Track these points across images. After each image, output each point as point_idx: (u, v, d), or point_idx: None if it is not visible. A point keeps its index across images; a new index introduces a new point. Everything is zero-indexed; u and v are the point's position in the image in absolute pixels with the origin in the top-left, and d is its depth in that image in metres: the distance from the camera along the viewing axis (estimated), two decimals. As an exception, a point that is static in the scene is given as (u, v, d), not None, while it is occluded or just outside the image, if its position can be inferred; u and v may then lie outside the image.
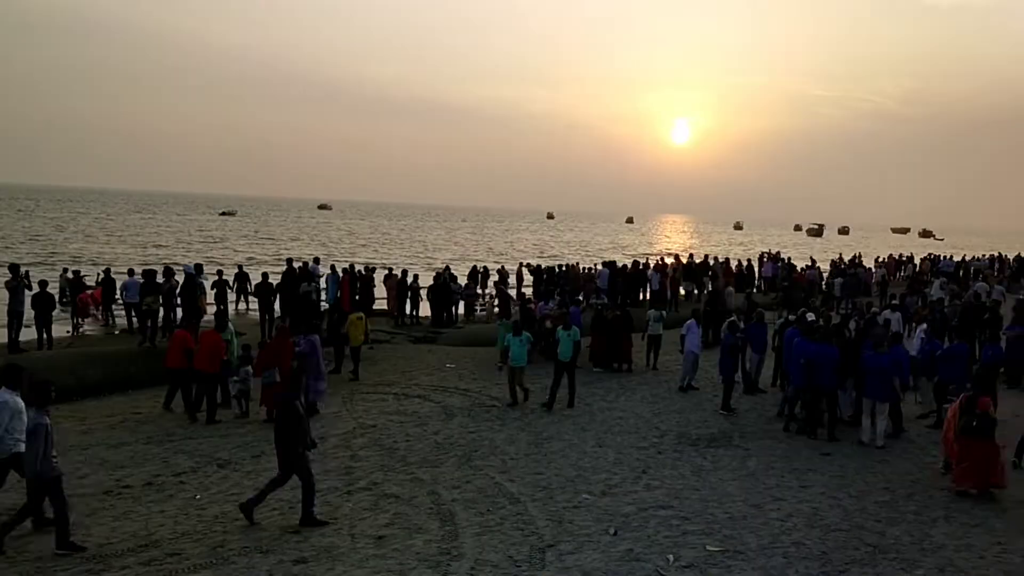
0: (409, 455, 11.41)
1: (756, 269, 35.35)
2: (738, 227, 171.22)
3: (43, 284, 17.68)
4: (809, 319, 15.54)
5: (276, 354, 13.53)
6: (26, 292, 16.96)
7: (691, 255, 34.18)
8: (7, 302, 16.82)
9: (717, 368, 14.97)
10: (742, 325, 16.94)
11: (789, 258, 38.36)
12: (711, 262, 32.46)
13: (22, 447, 8.06)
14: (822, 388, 12.57)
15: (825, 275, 34.05)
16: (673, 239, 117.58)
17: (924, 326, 16.11)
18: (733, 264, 33.47)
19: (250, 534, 8.44)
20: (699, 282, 29.45)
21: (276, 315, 19.73)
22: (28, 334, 17.34)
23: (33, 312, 17.24)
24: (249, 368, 14.24)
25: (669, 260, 32.23)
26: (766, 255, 38.90)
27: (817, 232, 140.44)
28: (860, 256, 41.89)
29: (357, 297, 22.94)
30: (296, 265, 22.62)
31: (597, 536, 8.38)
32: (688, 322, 16.60)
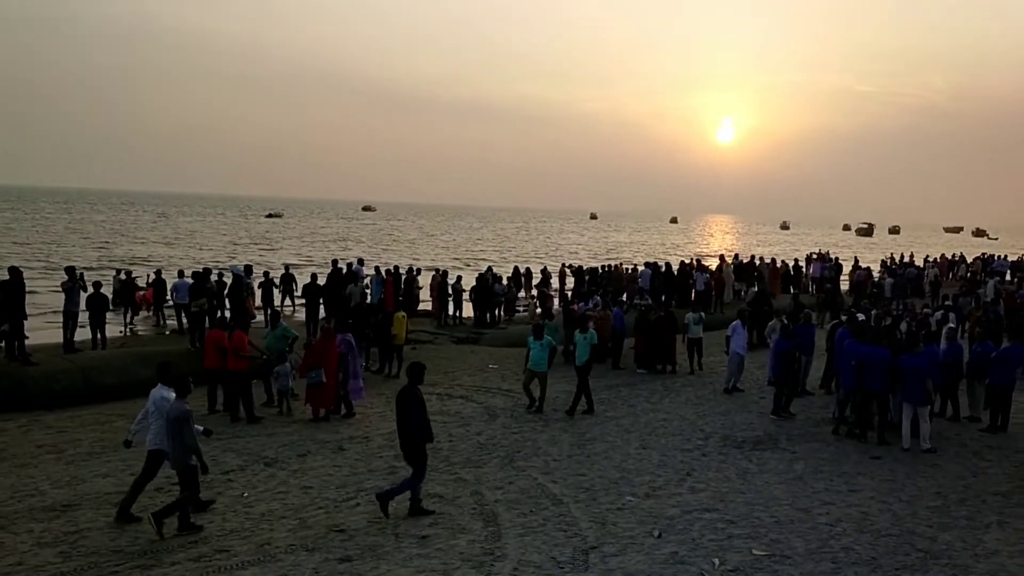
0: (452, 455, 11.46)
1: (804, 269, 34.82)
2: (784, 227, 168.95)
3: (97, 285, 18.12)
4: (860, 319, 15.27)
5: (321, 354, 13.70)
6: (81, 293, 17.39)
7: (736, 255, 33.81)
8: (63, 303, 17.26)
9: (768, 371, 14.73)
10: (788, 326, 16.70)
11: (837, 258, 37.72)
12: (756, 262, 32.07)
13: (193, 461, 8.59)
14: (873, 390, 12.33)
15: (876, 275, 33.42)
16: (718, 239, 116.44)
17: (949, 326, 15.71)
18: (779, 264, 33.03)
19: (296, 532, 8.55)
20: (750, 282, 29.06)
21: (322, 316, 20.00)
22: (83, 334, 17.78)
23: (88, 313, 17.69)
24: (287, 366, 14.42)
25: (713, 261, 31.93)
26: (814, 255, 38.30)
27: (867, 231, 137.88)
28: (912, 256, 41.04)
29: (401, 298, 23.14)
30: (341, 266, 22.90)
31: (641, 538, 8.32)
32: (733, 323, 16.41)
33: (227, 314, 18.27)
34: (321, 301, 21.21)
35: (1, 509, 9.22)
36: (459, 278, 25.86)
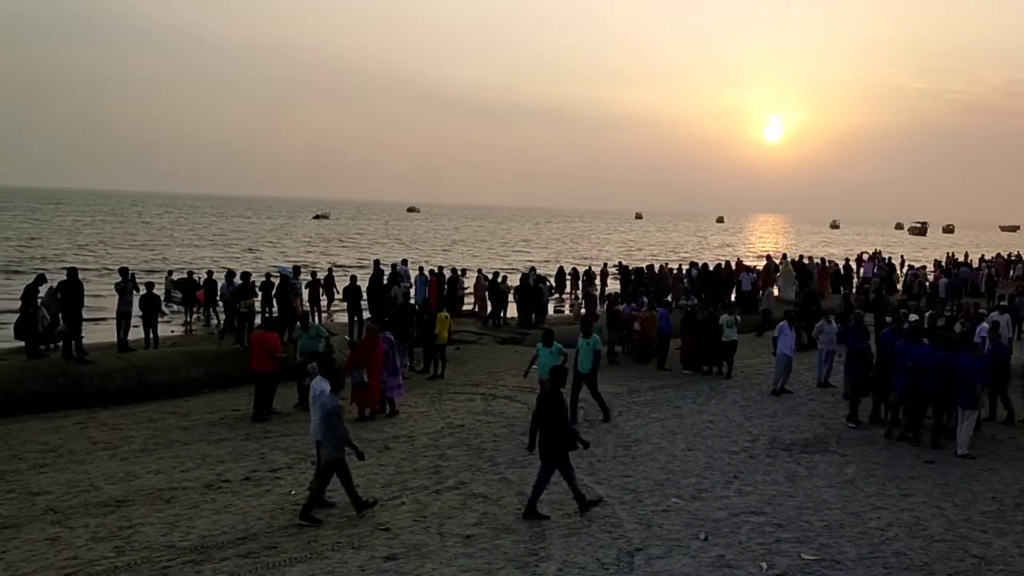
0: (497, 455, 11.47)
1: (855, 269, 34.20)
2: (835, 226, 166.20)
3: (149, 286, 18.52)
4: (913, 320, 14.93)
5: (365, 354, 13.82)
6: (134, 294, 17.80)
7: (784, 255, 33.32)
8: (116, 303, 17.69)
9: (844, 376, 14.41)
10: (837, 326, 16.45)
11: (889, 258, 36.94)
12: (805, 262, 31.57)
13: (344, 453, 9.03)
14: (927, 393, 12.04)
15: (930, 275, 32.68)
16: (766, 239, 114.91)
17: (984, 325, 15.26)
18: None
19: (342, 530, 8.64)
20: (803, 282, 28.55)
21: (365, 316, 20.16)
22: (135, 333, 18.19)
23: (140, 313, 18.10)
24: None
25: (758, 262, 31.49)
26: (865, 255, 37.59)
27: (920, 231, 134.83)
28: (966, 255, 40.05)
29: (445, 298, 23.23)
30: (383, 267, 23.08)
31: (687, 541, 8.24)
32: (780, 324, 16.17)
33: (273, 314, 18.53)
34: (364, 302, 21.40)
35: (58, 504, 9.47)
36: (504, 278, 25.90)
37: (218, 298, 22.36)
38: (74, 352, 15.70)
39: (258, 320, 17.93)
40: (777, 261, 31.05)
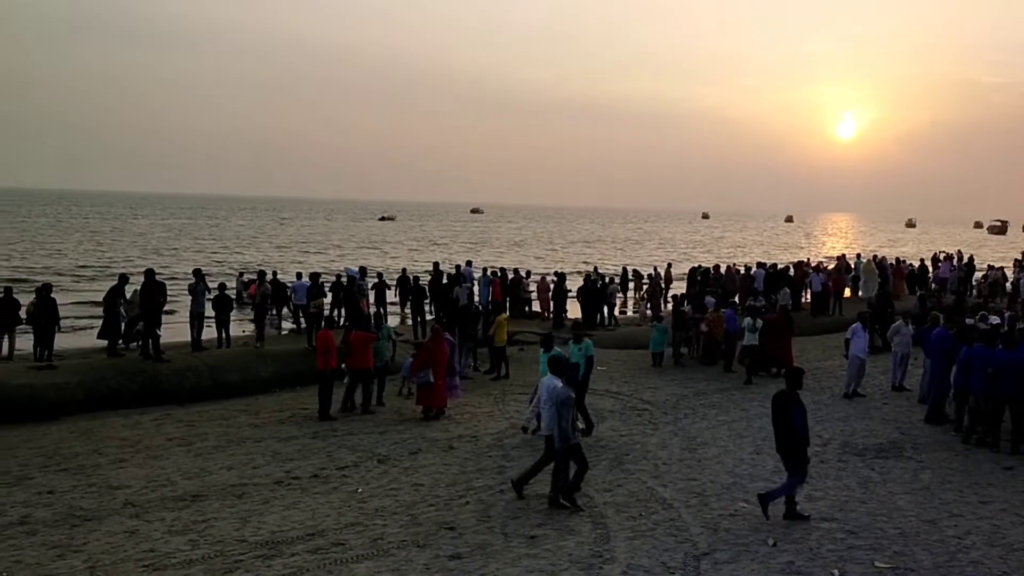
0: (560, 456, 11.43)
1: (931, 270, 33.08)
2: (911, 225, 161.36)
3: (221, 287, 19.04)
4: (993, 322, 14.38)
5: (431, 355, 13.94)
6: (206, 295, 18.31)
7: (874, 255, 32.45)
8: (190, 304, 18.22)
9: (928, 378, 13.98)
10: (912, 328, 15.93)
11: (971, 257, 35.55)
12: (881, 262, 30.68)
13: (577, 438, 9.39)
14: (1008, 397, 11.58)
15: (1011, 275, 31.42)
16: (837, 238, 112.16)
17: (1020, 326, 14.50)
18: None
19: (408, 528, 8.73)
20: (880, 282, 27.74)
21: (428, 317, 20.36)
22: (208, 333, 18.70)
23: (213, 313, 18.59)
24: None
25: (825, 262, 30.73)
26: (941, 255, 36.34)
27: (1000, 229, 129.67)
28: (1050, 254, 38.36)
29: (508, 299, 23.29)
30: (443, 269, 23.26)
31: (755, 546, 8.09)
32: (853, 326, 15.73)
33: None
34: (428, 302, 21.61)
35: (136, 498, 9.80)
36: (567, 278, 25.84)
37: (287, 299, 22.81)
38: (152, 351, 16.25)
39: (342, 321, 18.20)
40: (851, 260, 30.25)
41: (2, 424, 13.45)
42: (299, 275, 22.15)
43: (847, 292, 27.89)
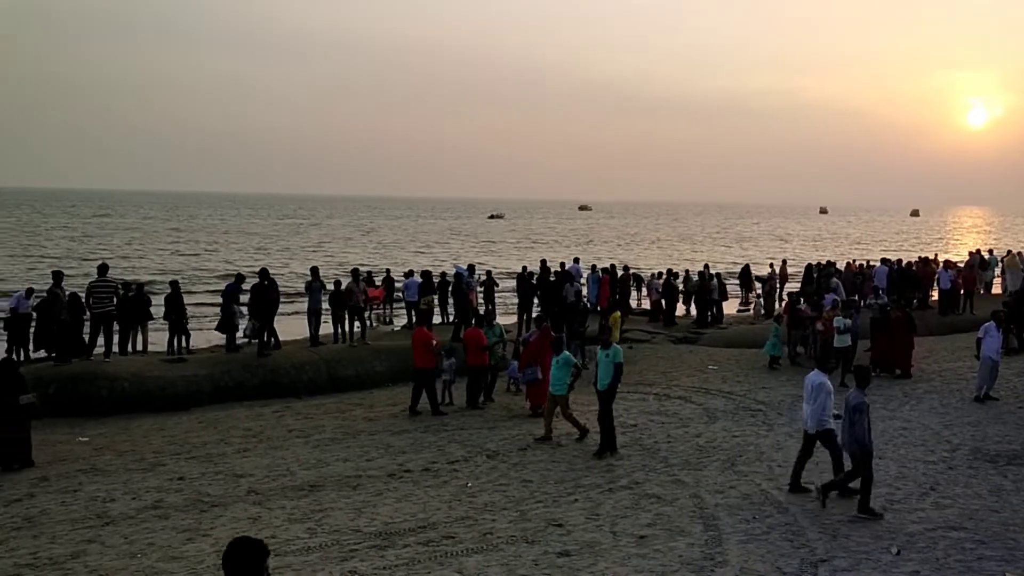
0: (671, 456, 11.27)
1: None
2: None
3: (337, 285, 19.65)
4: None
5: (538, 352, 13.98)
6: (321, 292, 18.93)
7: (988, 250, 30.59)
8: (307, 301, 18.89)
9: None
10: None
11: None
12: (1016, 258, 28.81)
13: (831, 424, 9.49)
14: None
15: None
16: (967, 233, 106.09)
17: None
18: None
19: (517, 524, 8.78)
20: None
21: (535, 314, 20.43)
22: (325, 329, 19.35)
23: (329, 310, 19.22)
24: (453, 361, 14.89)
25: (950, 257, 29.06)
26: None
27: None
28: None
29: (617, 297, 23.10)
30: (550, 266, 23.26)
31: (876, 554, 7.74)
32: (986, 324, 14.81)
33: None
34: (537, 300, 21.68)
35: (258, 486, 10.25)
36: (675, 276, 25.42)
37: (396, 295, 23.37)
38: (272, 346, 16.95)
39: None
40: (985, 255, 28.56)
41: (138, 413, 14.35)
42: (410, 272, 22.61)
43: (979, 290, 26.35)
